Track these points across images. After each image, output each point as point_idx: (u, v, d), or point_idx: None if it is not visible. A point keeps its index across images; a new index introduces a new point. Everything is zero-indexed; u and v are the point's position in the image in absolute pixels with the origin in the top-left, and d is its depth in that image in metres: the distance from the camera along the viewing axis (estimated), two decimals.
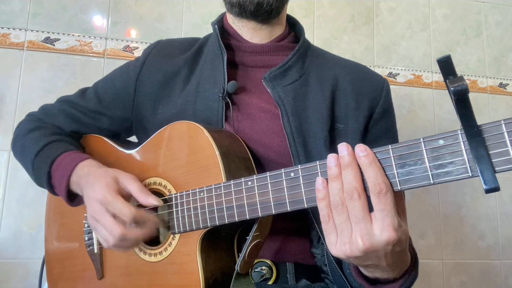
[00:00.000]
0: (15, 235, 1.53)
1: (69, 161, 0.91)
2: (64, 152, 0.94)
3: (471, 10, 2.06)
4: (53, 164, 0.92)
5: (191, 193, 0.78)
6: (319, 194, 0.61)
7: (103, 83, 1.07)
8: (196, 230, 0.77)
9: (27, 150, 0.99)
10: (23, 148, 1.01)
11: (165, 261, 0.81)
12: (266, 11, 0.95)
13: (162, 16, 1.76)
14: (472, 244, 1.91)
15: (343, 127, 0.92)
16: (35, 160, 0.96)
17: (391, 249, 0.58)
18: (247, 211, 0.70)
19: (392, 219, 0.57)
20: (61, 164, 0.92)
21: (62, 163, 0.92)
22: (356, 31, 1.93)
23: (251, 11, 0.94)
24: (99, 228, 0.80)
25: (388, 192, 0.56)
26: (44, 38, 1.64)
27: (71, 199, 0.92)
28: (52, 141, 0.97)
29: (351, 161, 0.59)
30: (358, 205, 0.58)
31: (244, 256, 0.73)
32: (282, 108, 0.90)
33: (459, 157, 0.53)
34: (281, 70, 0.94)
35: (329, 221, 0.60)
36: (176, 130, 0.86)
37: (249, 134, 0.90)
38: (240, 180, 0.71)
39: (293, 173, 0.65)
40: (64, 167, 0.91)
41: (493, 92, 2.02)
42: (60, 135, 1.02)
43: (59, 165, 0.92)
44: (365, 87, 0.97)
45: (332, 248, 0.61)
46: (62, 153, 0.93)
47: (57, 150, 0.94)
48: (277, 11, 0.98)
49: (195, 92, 0.95)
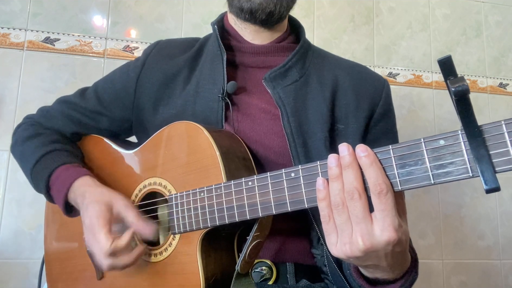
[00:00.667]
0: (15, 235, 1.53)
1: (65, 177, 0.91)
2: (61, 165, 0.93)
3: (471, 10, 2.07)
4: (50, 177, 0.93)
5: (191, 193, 0.78)
6: (319, 194, 0.61)
7: (103, 83, 1.07)
8: (197, 230, 0.77)
9: (25, 159, 0.99)
10: (22, 156, 1.01)
11: (166, 261, 0.81)
12: (276, 19, 0.96)
13: (162, 16, 1.76)
14: (472, 244, 1.92)
15: (343, 128, 0.92)
16: (33, 170, 0.96)
17: (392, 249, 0.58)
18: (248, 211, 0.70)
19: (393, 219, 0.57)
20: (58, 179, 0.92)
21: (59, 178, 0.92)
22: (356, 31, 1.93)
23: (262, 19, 0.95)
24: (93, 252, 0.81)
25: (389, 192, 0.56)
26: (44, 38, 1.64)
27: (69, 210, 0.93)
28: (50, 151, 0.97)
29: (352, 161, 0.59)
30: (358, 205, 0.58)
31: (245, 256, 0.73)
32: (282, 108, 0.90)
33: (460, 157, 0.53)
34: (282, 71, 0.94)
35: (330, 221, 0.60)
36: (176, 130, 0.85)
37: (249, 135, 0.90)
38: (241, 180, 0.71)
39: (293, 173, 0.65)
40: (61, 183, 0.91)
41: (493, 92, 2.02)
42: (58, 142, 1.01)
43: (57, 179, 0.92)
44: (366, 87, 0.97)
45: (332, 248, 0.61)
46: (60, 166, 0.93)
47: (56, 162, 0.94)
48: (284, 17, 0.99)
49: (194, 92, 0.95)
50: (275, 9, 0.93)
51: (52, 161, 0.94)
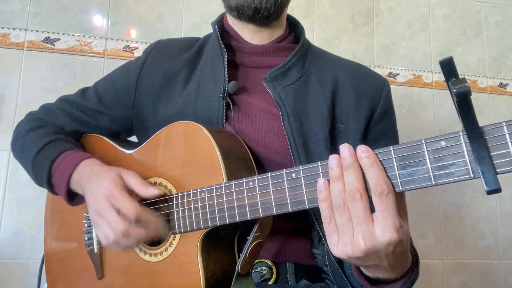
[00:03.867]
0: (15, 235, 1.53)
1: (70, 160, 0.90)
2: (65, 151, 0.93)
3: (471, 10, 2.07)
4: (54, 163, 0.92)
5: (192, 193, 0.78)
6: (320, 195, 0.61)
7: (103, 83, 1.07)
8: (197, 230, 0.77)
9: (27, 149, 0.98)
10: (23, 148, 1.00)
11: (166, 261, 0.81)
12: (264, 16, 0.95)
13: (162, 16, 1.76)
14: (472, 244, 1.92)
15: (343, 128, 0.92)
16: (35, 159, 0.95)
17: (393, 249, 0.59)
18: (248, 212, 0.70)
19: (394, 220, 0.57)
20: (62, 162, 0.91)
21: (63, 161, 0.91)
22: (356, 31, 1.93)
23: (249, 15, 0.94)
24: (101, 223, 0.78)
25: (390, 193, 0.57)
26: (44, 38, 1.64)
27: (71, 199, 0.92)
28: (53, 140, 0.96)
29: (353, 162, 0.59)
30: (360, 206, 0.58)
31: (245, 256, 0.73)
32: (283, 108, 0.90)
33: (461, 158, 0.53)
34: (282, 71, 0.94)
35: (331, 222, 0.61)
36: (177, 130, 0.85)
37: (249, 135, 0.90)
38: (242, 180, 0.71)
39: (294, 173, 0.65)
40: (65, 166, 0.90)
41: (493, 92, 2.02)
42: (61, 134, 1.01)
43: (60, 163, 0.91)
44: (366, 87, 0.97)
45: (333, 249, 0.61)
46: (63, 152, 0.92)
47: (59, 149, 0.93)
48: (276, 16, 0.97)
49: (195, 92, 0.95)
50: (261, 5, 0.92)
51: (56, 148, 0.94)
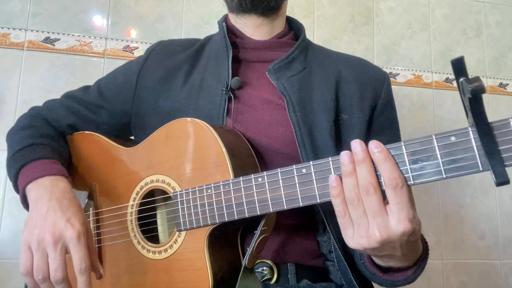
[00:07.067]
0: (15, 235, 1.52)
1: (39, 169, 0.87)
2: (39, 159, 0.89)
3: (471, 10, 2.07)
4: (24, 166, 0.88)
5: (198, 190, 0.78)
6: (333, 191, 0.63)
7: (105, 79, 1.10)
8: (204, 227, 0.77)
9: (12, 145, 0.96)
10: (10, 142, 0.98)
11: (171, 258, 0.81)
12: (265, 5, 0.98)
13: (162, 16, 1.76)
14: (472, 244, 1.92)
15: (347, 118, 0.94)
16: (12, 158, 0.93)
17: (406, 239, 0.61)
18: (258, 207, 0.71)
19: (408, 212, 0.59)
20: (29, 170, 0.87)
21: (30, 169, 0.87)
22: (356, 31, 1.94)
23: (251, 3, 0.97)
24: (39, 256, 0.75)
25: (404, 186, 0.59)
26: (44, 38, 1.64)
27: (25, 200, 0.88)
28: (34, 144, 0.93)
29: (366, 157, 0.61)
30: (374, 199, 0.60)
31: (252, 250, 0.74)
32: (288, 98, 0.91)
33: (470, 152, 0.56)
34: (285, 62, 0.96)
35: (345, 216, 0.63)
36: (179, 127, 0.85)
37: (252, 125, 0.92)
38: (250, 176, 0.72)
39: (305, 169, 0.67)
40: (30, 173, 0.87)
41: (493, 92, 2.03)
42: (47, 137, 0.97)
43: (27, 170, 0.88)
44: (368, 78, 0.99)
45: (349, 241, 0.64)
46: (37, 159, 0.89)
47: (35, 154, 0.90)
48: (277, 4, 1.00)
49: (198, 87, 0.97)
50: None
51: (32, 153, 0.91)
